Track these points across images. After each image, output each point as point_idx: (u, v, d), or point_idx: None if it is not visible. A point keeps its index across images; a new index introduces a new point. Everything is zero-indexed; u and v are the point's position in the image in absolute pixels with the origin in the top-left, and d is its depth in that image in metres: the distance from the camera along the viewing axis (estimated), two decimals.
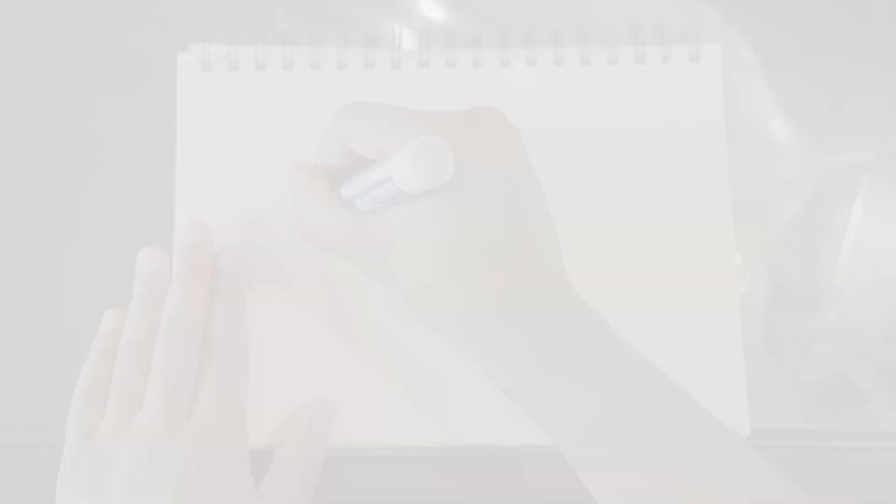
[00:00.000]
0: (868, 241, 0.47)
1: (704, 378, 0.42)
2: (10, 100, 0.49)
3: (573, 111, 0.46)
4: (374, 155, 0.35)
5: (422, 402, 0.43)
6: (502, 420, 0.43)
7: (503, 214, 0.34)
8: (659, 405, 0.34)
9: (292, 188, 0.38)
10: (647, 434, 0.33)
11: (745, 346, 0.44)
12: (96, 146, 0.49)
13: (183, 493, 0.36)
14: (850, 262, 0.46)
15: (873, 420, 0.45)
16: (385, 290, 0.36)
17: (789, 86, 0.49)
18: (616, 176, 0.45)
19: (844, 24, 0.50)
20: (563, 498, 0.44)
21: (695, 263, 0.44)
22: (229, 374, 0.40)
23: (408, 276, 0.34)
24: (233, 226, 0.44)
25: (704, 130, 0.45)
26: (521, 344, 0.33)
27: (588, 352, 0.34)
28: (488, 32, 0.47)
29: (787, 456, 0.36)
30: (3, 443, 0.45)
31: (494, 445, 0.43)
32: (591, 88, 0.46)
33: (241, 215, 0.45)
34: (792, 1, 0.51)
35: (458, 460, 0.44)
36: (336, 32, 0.46)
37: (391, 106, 0.36)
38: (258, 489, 0.39)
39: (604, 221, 0.44)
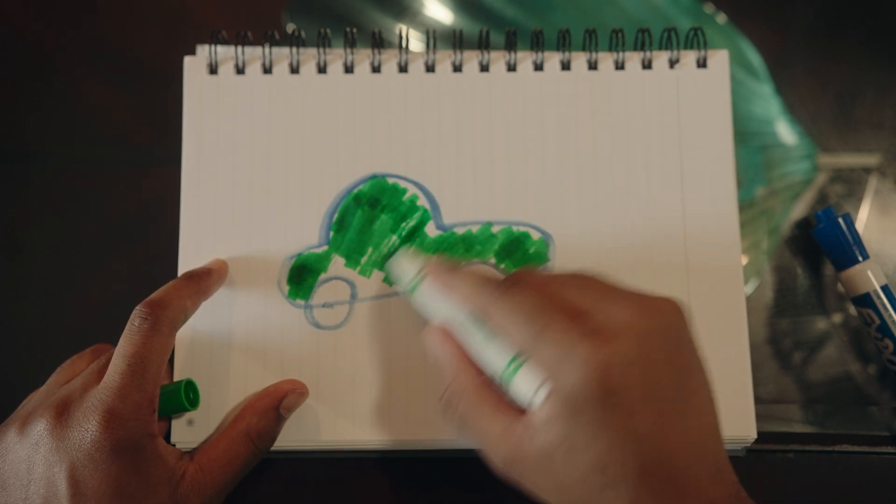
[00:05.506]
0: (874, 244, 0.47)
1: (712, 383, 0.42)
2: (12, 100, 0.49)
3: (580, 116, 0.46)
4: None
5: (415, 403, 0.43)
6: None
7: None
8: None
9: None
10: None
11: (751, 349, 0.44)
12: (101, 148, 0.49)
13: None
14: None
15: (879, 424, 0.46)
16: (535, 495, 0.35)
17: (796, 89, 0.49)
18: (623, 181, 0.45)
19: (851, 27, 0.50)
20: None
21: (702, 267, 0.44)
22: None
23: (569, 488, 0.33)
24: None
25: (712, 135, 0.45)
26: None
27: None
28: (495, 36, 0.47)
29: (792, 460, 0.36)
30: None
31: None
32: (598, 93, 0.46)
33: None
34: (799, 4, 0.51)
35: (455, 461, 0.45)
36: (343, 35, 0.46)
37: (549, 306, 0.35)
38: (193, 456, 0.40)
39: (611, 226, 0.45)
